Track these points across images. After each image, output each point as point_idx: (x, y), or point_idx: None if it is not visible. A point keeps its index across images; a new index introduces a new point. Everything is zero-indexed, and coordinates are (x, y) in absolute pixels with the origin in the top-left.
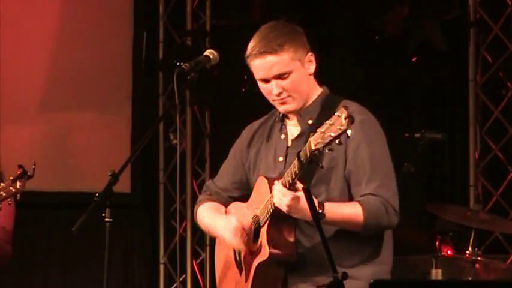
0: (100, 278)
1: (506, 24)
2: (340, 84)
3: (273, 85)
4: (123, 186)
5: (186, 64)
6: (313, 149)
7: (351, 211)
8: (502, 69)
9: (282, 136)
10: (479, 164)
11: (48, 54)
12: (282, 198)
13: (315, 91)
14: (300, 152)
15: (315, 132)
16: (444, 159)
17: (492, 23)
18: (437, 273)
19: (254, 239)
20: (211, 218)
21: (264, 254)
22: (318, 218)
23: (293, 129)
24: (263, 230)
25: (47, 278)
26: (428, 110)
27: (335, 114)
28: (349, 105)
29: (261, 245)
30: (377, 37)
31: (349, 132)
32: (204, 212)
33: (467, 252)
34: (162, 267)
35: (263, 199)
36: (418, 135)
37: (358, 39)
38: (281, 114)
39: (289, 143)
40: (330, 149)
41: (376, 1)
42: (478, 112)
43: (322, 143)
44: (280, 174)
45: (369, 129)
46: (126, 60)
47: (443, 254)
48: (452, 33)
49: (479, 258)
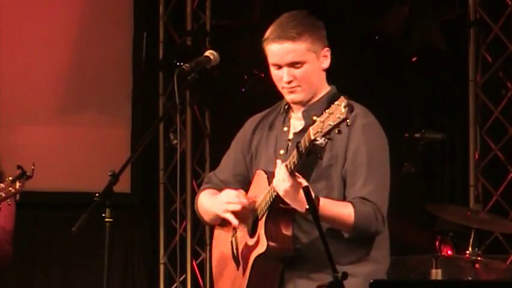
0: (100, 278)
1: (506, 24)
2: (340, 84)
3: (284, 72)
4: (123, 186)
5: (186, 64)
6: (312, 138)
7: (343, 211)
8: (502, 69)
9: (285, 128)
10: (479, 164)
11: (48, 55)
12: (282, 183)
13: (324, 88)
14: (300, 143)
15: (314, 121)
16: (444, 159)
17: (492, 23)
18: (437, 273)
19: (252, 232)
20: (209, 201)
21: (262, 247)
22: (318, 218)
23: (296, 123)
24: (261, 223)
25: (47, 278)
26: (428, 110)
27: (335, 103)
28: (355, 106)
29: (258, 237)
30: (377, 37)
31: (348, 121)
32: (203, 198)
33: (467, 252)
34: (162, 267)
35: (261, 192)
36: (418, 135)
37: (358, 39)
38: (286, 106)
39: (291, 136)
40: (329, 138)
41: (376, 1)
42: (478, 112)
43: (322, 132)
44: None
45: (371, 133)
46: (126, 60)
47: (443, 254)
48: (452, 33)
49: (479, 258)
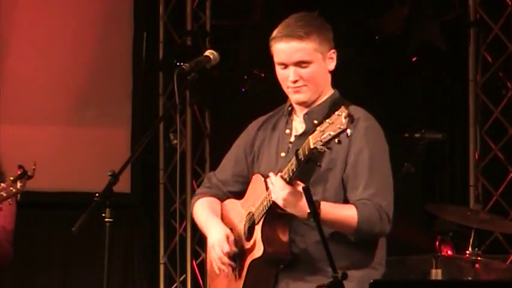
0: (100, 278)
1: (506, 24)
2: (340, 84)
3: (291, 71)
4: (123, 186)
5: (186, 64)
6: (311, 147)
7: (346, 213)
8: (502, 69)
9: (287, 131)
10: (479, 164)
11: (48, 54)
12: (279, 192)
13: (328, 90)
14: (299, 150)
15: (315, 130)
16: (444, 159)
17: (492, 23)
18: (437, 273)
19: (248, 237)
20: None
21: (258, 251)
22: (318, 218)
23: (298, 126)
24: (257, 228)
25: (47, 278)
26: (428, 110)
27: (335, 113)
28: (355, 111)
29: (254, 242)
30: (377, 37)
31: (348, 131)
32: (199, 209)
33: (467, 252)
34: (162, 267)
35: (259, 196)
36: (418, 135)
37: (358, 39)
38: (289, 108)
39: (293, 139)
40: (329, 147)
41: (376, 1)
42: (478, 112)
43: (321, 142)
44: (281, 169)
45: (372, 137)
46: (126, 60)
47: (443, 254)
48: (452, 33)
49: (479, 258)
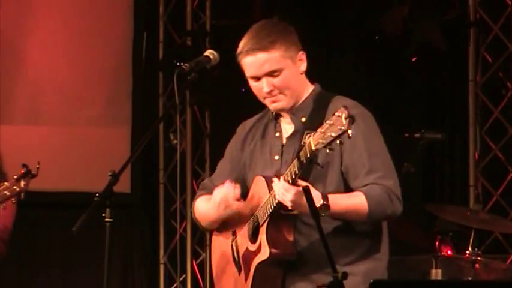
0: (100, 278)
1: (506, 24)
2: (340, 84)
3: (264, 82)
4: (123, 186)
5: (186, 64)
6: (313, 149)
7: (355, 201)
8: (502, 69)
9: (277, 134)
10: (479, 164)
11: (48, 54)
12: (285, 194)
13: (307, 89)
14: (300, 152)
15: (315, 132)
16: (444, 159)
17: (492, 23)
18: (437, 273)
19: (253, 238)
20: (205, 206)
21: (265, 254)
22: (318, 217)
23: (287, 127)
24: (262, 230)
25: (47, 278)
26: (428, 110)
27: (335, 114)
28: (341, 100)
29: (260, 244)
30: (377, 37)
31: (350, 132)
32: (199, 204)
33: (467, 252)
34: (162, 267)
35: (262, 198)
36: (418, 135)
37: (358, 39)
38: (274, 113)
39: (284, 141)
40: (330, 148)
41: (376, 1)
42: (478, 112)
43: (323, 143)
44: (276, 172)
45: (363, 123)
46: (126, 60)
47: (443, 254)
48: (452, 33)
49: (479, 258)
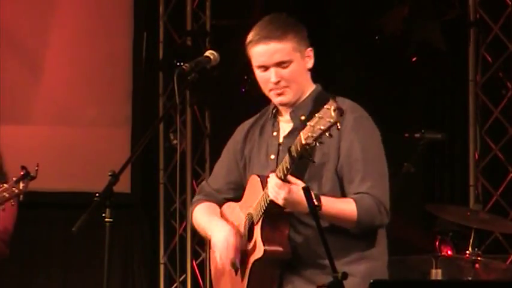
0: (100, 278)
1: (506, 24)
2: (340, 84)
3: (272, 72)
4: (123, 186)
5: (186, 64)
6: (303, 143)
7: (345, 207)
8: (502, 69)
9: (274, 133)
10: (479, 164)
11: (48, 54)
12: (278, 191)
13: (309, 87)
14: (291, 147)
15: (305, 126)
16: (444, 159)
17: (492, 23)
18: (437, 273)
19: (248, 238)
20: (206, 223)
21: (259, 252)
22: (318, 217)
23: (285, 126)
24: (257, 228)
25: (47, 278)
26: (428, 110)
27: (324, 107)
28: (342, 102)
29: (255, 242)
30: (377, 37)
31: (338, 124)
32: (198, 214)
33: (467, 252)
34: (162, 267)
35: (256, 197)
36: (418, 135)
37: (358, 39)
38: (274, 111)
39: (281, 140)
40: (320, 142)
41: (376, 1)
42: (478, 112)
43: (313, 137)
44: (274, 170)
45: (362, 127)
46: (126, 60)
47: (443, 254)
48: (452, 33)
49: (479, 258)
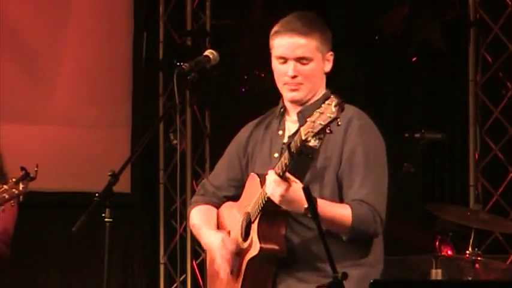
0: (100, 278)
1: (506, 24)
2: (340, 84)
3: (290, 66)
4: (123, 186)
5: (186, 64)
6: (303, 138)
7: (341, 212)
8: (502, 69)
9: (280, 132)
10: (479, 164)
11: (48, 54)
12: (275, 188)
13: (321, 90)
14: (291, 143)
15: (305, 122)
16: (444, 159)
17: (492, 23)
18: (437, 273)
19: (245, 236)
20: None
21: (255, 250)
22: (318, 217)
23: (291, 126)
24: (254, 226)
25: (47, 278)
26: (428, 110)
27: (325, 103)
28: (348, 109)
29: (251, 241)
30: (377, 37)
31: (339, 120)
32: (194, 215)
33: (467, 252)
34: (162, 267)
35: (254, 195)
36: (418, 135)
37: (358, 39)
38: (282, 110)
39: (286, 140)
40: (320, 138)
41: (376, 1)
42: (478, 112)
43: (313, 132)
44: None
45: (367, 135)
46: (126, 60)
47: (443, 254)
48: (452, 33)
49: (479, 258)
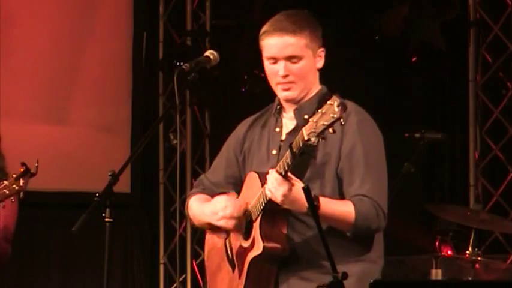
0: (100, 278)
1: (506, 24)
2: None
3: (281, 65)
4: (123, 186)
5: (186, 64)
6: (305, 139)
7: (343, 209)
8: (502, 69)
9: (277, 129)
10: (479, 164)
11: (48, 54)
12: (277, 188)
13: (316, 87)
14: (293, 143)
15: (307, 122)
16: (444, 159)
17: (492, 23)
18: (437, 273)
19: (246, 235)
20: (199, 207)
21: (258, 249)
22: (318, 217)
23: (289, 123)
24: (255, 225)
25: (47, 278)
26: (428, 110)
27: (327, 102)
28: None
29: (253, 239)
30: (377, 37)
31: (342, 120)
32: (193, 203)
33: (467, 252)
34: (162, 267)
35: (255, 194)
36: (418, 135)
37: (358, 39)
38: (278, 107)
39: (283, 137)
40: (323, 138)
41: (376, 1)
42: (478, 112)
43: (315, 132)
44: (272, 167)
45: (365, 130)
46: (126, 60)
47: (443, 254)
48: (452, 33)
49: (479, 258)
